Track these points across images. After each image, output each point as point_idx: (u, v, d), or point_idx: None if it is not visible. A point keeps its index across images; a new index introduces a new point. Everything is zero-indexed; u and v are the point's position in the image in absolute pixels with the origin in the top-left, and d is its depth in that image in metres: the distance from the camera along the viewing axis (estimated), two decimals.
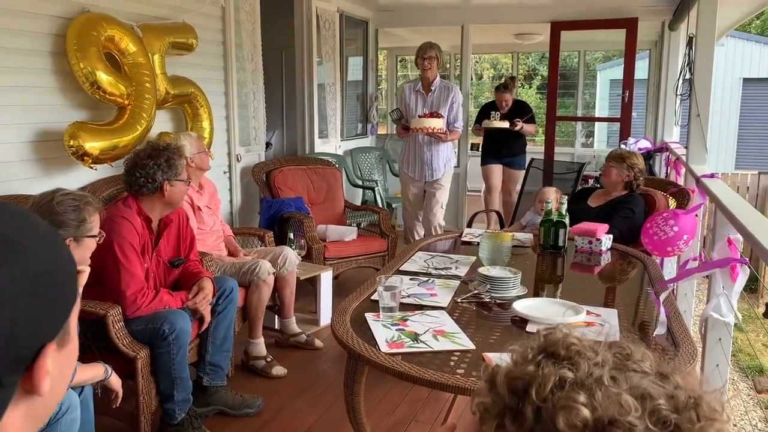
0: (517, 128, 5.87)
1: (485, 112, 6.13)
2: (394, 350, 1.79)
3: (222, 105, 4.52)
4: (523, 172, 5.75)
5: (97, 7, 3.34)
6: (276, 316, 3.80)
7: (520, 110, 6.06)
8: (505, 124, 5.86)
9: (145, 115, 3.38)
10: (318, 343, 3.65)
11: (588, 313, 2.11)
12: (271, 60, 5.94)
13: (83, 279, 2.08)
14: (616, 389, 0.59)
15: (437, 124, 4.51)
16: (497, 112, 5.97)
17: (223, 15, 4.44)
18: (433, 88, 4.66)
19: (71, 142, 3.03)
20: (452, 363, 1.74)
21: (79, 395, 2.04)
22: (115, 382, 2.14)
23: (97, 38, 3.17)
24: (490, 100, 6.38)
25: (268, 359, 3.35)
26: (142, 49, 3.44)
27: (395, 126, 4.93)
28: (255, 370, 3.34)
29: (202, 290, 2.72)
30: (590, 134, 12.47)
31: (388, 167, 6.69)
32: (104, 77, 3.15)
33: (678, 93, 4.24)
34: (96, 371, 2.07)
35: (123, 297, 2.47)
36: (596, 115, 13.08)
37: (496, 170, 6.23)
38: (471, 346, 1.83)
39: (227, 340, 2.94)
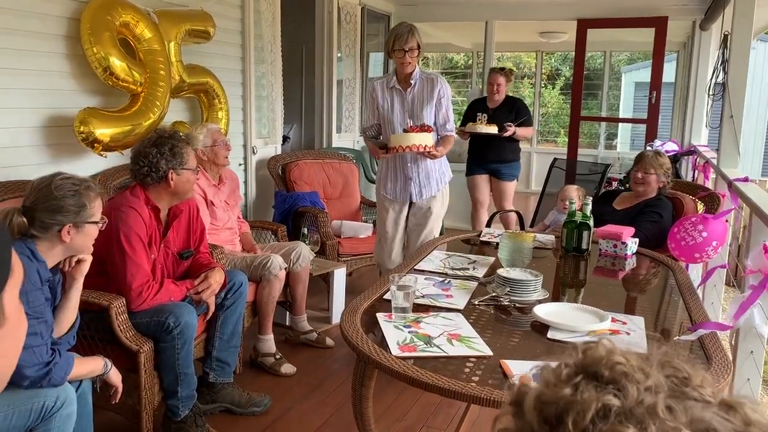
0: (508, 134, 4.81)
1: (472, 111, 5.08)
2: (406, 354, 1.68)
3: (239, 96, 4.44)
4: (515, 183, 5.09)
5: None
6: (287, 313, 3.71)
7: (513, 109, 4.97)
8: (493, 129, 4.79)
9: (158, 103, 3.30)
10: (329, 341, 3.55)
11: (613, 320, 1.99)
12: (291, 54, 5.86)
13: (84, 268, 2.02)
14: (674, 422, 0.47)
15: (428, 140, 3.32)
16: (484, 114, 4.92)
17: (243, 4, 4.36)
18: (412, 81, 3.45)
19: (81, 128, 2.96)
20: (467, 370, 1.63)
21: (77, 389, 1.97)
22: (115, 376, 2.06)
23: (112, 23, 3.10)
24: (483, 96, 5.23)
25: (277, 357, 3.26)
26: (158, 35, 3.36)
27: (366, 144, 3.76)
28: (263, 367, 3.25)
29: (207, 279, 2.63)
30: (613, 136, 12.28)
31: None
32: (117, 63, 3.08)
33: (711, 94, 4.07)
34: (95, 365, 1.99)
35: (128, 289, 2.39)
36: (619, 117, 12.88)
37: (482, 182, 5.12)
38: (488, 352, 1.72)
39: (235, 336, 2.86)
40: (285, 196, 4.43)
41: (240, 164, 4.53)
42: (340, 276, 3.88)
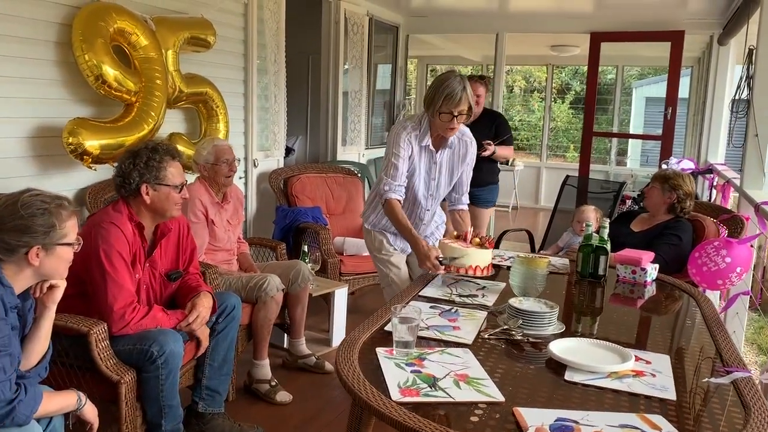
0: (487, 154, 4.06)
1: None
2: (408, 399, 1.50)
3: (240, 107, 4.29)
4: (492, 210, 4.43)
5: None
6: (285, 334, 3.53)
7: (493, 124, 4.23)
8: None
9: (153, 113, 3.15)
10: (328, 366, 3.36)
11: (637, 358, 1.81)
12: (297, 64, 5.73)
13: (57, 295, 1.82)
14: None
15: (488, 260, 2.55)
16: None
17: (246, 12, 4.23)
18: (449, 144, 2.78)
19: (70, 139, 2.82)
20: (476, 419, 1.45)
21: (47, 426, 1.80)
22: (90, 412, 1.88)
23: (105, 29, 2.96)
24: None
25: (273, 383, 3.08)
26: (155, 43, 3.22)
27: (393, 219, 2.74)
28: (258, 394, 3.07)
29: (195, 308, 2.44)
30: (623, 152, 12.10)
31: None
32: (110, 71, 2.94)
33: (733, 111, 3.89)
34: (66, 401, 1.82)
35: (110, 311, 2.22)
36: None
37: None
38: (500, 397, 1.54)
39: (227, 363, 2.67)
40: (286, 211, 4.27)
41: (240, 177, 4.37)
42: (341, 296, 3.71)
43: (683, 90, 8.04)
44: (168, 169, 2.39)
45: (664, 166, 4.93)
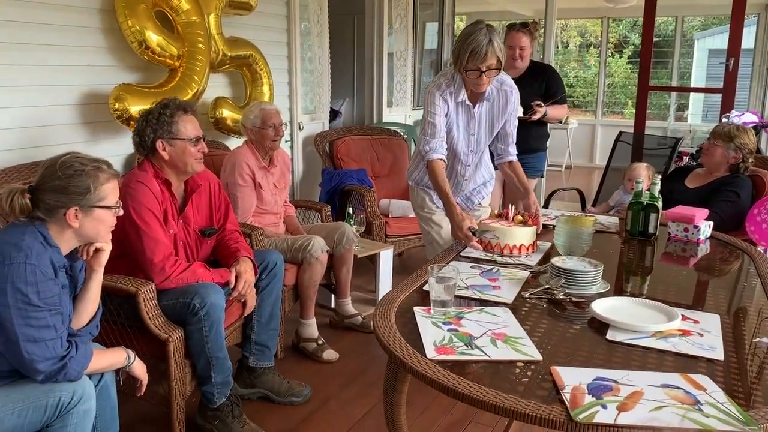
0: (537, 117, 3.56)
1: None
2: (443, 356, 1.49)
3: (284, 70, 4.29)
4: (539, 179, 3.96)
5: None
6: (332, 295, 3.57)
7: (542, 80, 3.72)
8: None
9: (197, 78, 3.18)
10: None
11: (683, 318, 1.74)
12: (342, 26, 5.66)
13: (103, 258, 1.87)
14: None
15: (531, 238, 2.40)
16: None
17: None
18: (486, 97, 2.65)
19: (116, 105, 2.87)
20: (512, 377, 1.43)
21: (98, 383, 1.87)
22: (139, 369, 1.95)
23: None
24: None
25: (320, 342, 3.13)
26: (197, 7, 3.23)
27: (435, 183, 2.63)
28: (305, 352, 3.13)
29: (240, 276, 2.48)
30: (684, 107, 11.59)
31: None
32: (153, 37, 2.97)
33: None
34: (116, 358, 1.88)
35: (150, 265, 2.28)
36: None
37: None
38: (537, 356, 1.51)
39: (274, 318, 2.72)
40: (332, 174, 4.28)
41: (286, 141, 4.39)
42: (386, 258, 3.71)
43: (748, 40, 7.60)
44: (180, 123, 2.41)
45: (724, 120, 4.70)
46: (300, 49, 4.36)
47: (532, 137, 3.62)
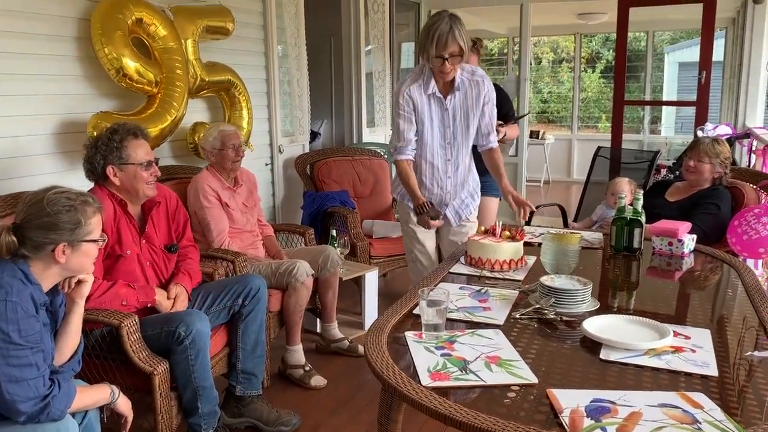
0: (500, 137, 3.12)
1: None
2: (438, 383, 1.47)
3: (263, 93, 4.27)
4: (498, 201, 3.68)
5: None
6: (317, 319, 3.53)
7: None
8: None
9: (175, 104, 3.15)
10: (361, 349, 3.35)
11: (675, 334, 1.74)
12: (319, 47, 5.68)
13: (85, 290, 1.84)
14: None
15: (519, 253, 2.44)
16: None
17: None
18: (456, 88, 2.69)
19: (95, 134, 2.81)
20: (508, 402, 1.41)
21: (81, 421, 1.81)
22: (124, 405, 1.90)
23: (124, 21, 2.95)
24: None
25: (307, 368, 3.08)
26: (174, 33, 3.20)
27: (402, 181, 2.80)
28: (292, 379, 3.08)
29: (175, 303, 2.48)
30: (657, 119, 11.77)
31: None
32: (131, 64, 2.94)
33: None
34: (100, 395, 1.83)
35: None
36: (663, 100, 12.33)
37: None
38: (533, 379, 1.50)
39: (259, 345, 2.68)
40: (314, 196, 4.26)
41: (267, 164, 4.37)
42: (371, 279, 3.69)
43: (717, 53, 7.77)
44: (130, 148, 2.40)
45: (699, 133, 4.77)
46: (278, 72, 4.35)
47: None
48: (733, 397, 1.43)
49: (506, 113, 3.52)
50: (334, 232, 3.56)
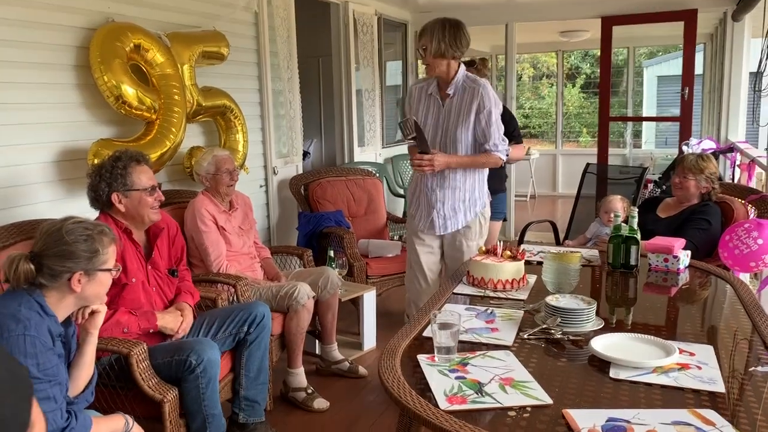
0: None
1: None
2: (456, 407, 1.50)
3: (257, 116, 4.31)
4: (500, 224, 3.94)
5: (122, 17, 3.15)
6: (317, 341, 3.54)
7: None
8: None
9: (174, 129, 3.17)
10: (362, 370, 3.38)
11: (680, 351, 1.79)
12: (307, 68, 5.73)
13: (99, 320, 1.85)
14: None
15: (520, 272, 2.49)
16: None
17: (257, 21, 4.23)
18: (450, 91, 2.88)
19: (95, 161, 2.83)
20: (524, 422, 1.44)
21: None
22: None
23: (122, 49, 2.97)
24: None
25: (309, 391, 3.09)
26: (171, 59, 3.23)
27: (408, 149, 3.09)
28: (295, 402, 3.09)
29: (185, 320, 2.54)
30: (638, 133, 11.96)
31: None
32: (130, 90, 2.96)
33: (757, 89, 3.84)
34: (115, 425, 1.84)
35: None
36: (643, 115, 12.55)
37: None
38: (548, 400, 1.53)
39: (263, 372, 2.69)
40: (309, 217, 4.28)
41: (261, 186, 4.39)
42: (370, 299, 3.71)
43: (696, 67, 7.94)
44: (134, 174, 2.46)
45: (685, 148, 4.86)
46: (271, 94, 4.39)
47: (491, 179, 3.31)
48: (743, 413, 1.48)
49: (511, 132, 3.47)
50: (331, 253, 3.58)
